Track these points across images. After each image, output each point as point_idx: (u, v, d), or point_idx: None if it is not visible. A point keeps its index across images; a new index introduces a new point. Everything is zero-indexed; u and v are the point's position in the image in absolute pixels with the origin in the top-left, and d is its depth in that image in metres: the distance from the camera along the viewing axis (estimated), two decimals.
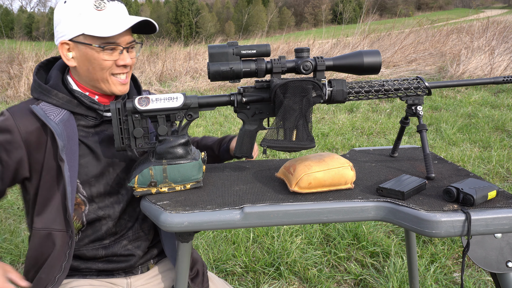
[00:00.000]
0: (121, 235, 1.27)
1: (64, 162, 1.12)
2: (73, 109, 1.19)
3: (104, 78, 1.19)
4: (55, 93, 1.18)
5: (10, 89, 7.85)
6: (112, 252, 1.26)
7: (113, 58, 1.17)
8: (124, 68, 1.21)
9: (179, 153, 1.14)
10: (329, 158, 1.14)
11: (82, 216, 1.20)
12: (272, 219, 1.04)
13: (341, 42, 10.61)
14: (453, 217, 0.97)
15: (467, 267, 2.27)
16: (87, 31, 1.13)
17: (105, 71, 1.18)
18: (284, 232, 2.58)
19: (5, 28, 16.76)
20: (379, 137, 4.70)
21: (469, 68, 7.64)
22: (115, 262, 1.27)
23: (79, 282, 1.24)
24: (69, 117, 1.18)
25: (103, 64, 1.16)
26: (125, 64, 1.19)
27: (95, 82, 1.20)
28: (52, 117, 1.15)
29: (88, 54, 1.15)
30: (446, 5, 64.11)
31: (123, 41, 1.17)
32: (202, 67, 9.50)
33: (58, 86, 1.19)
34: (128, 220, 1.28)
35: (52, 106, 1.17)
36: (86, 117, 1.21)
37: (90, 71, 1.17)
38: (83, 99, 1.19)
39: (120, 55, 1.18)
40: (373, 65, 1.16)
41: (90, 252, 1.24)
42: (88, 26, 1.13)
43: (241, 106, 1.22)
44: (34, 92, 1.20)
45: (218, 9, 62.65)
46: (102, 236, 1.24)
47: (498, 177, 3.39)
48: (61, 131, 1.14)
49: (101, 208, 1.22)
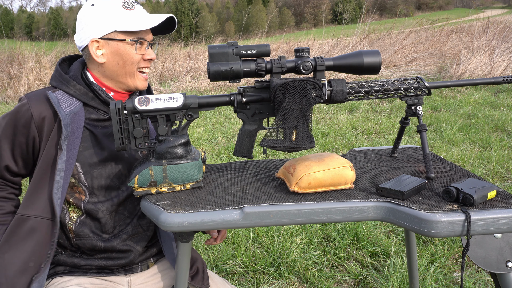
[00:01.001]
0: (120, 230, 1.29)
1: (62, 151, 1.16)
2: (88, 101, 1.25)
3: (132, 72, 1.27)
4: (73, 84, 1.25)
5: (10, 89, 7.86)
6: (111, 246, 1.27)
7: (142, 53, 1.28)
8: (149, 63, 1.32)
9: (179, 153, 1.14)
10: (329, 158, 1.14)
11: (81, 205, 1.23)
12: (272, 219, 1.04)
13: (341, 42, 10.62)
14: (453, 217, 0.97)
15: (467, 267, 2.27)
16: (120, 27, 1.22)
17: (134, 65, 1.27)
18: (284, 232, 2.58)
19: (5, 28, 16.77)
20: (379, 137, 4.70)
21: (469, 68, 7.64)
22: (114, 259, 1.28)
23: (79, 280, 1.25)
24: (80, 110, 1.24)
25: (134, 57, 1.26)
26: (151, 58, 1.30)
27: (121, 76, 1.27)
28: (64, 107, 1.21)
29: (120, 49, 1.24)
30: (446, 5, 64.11)
31: (149, 38, 1.29)
32: (202, 67, 9.51)
33: (77, 78, 1.27)
34: (127, 216, 1.29)
35: (67, 96, 1.25)
36: (98, 111, 1.27)
37: (120, 65, 1.26)
38: (100, 92, 1.27)
39: (147, 50, 1.29)
40: (373, 65, 1.16)
41: (90, 243, 1.25)
42: (120, 23, 1.23)
43: (241, 106, 1.22)
44: (54, 81, 1.27)
45: (218, 9, 62.66)
46: (101, 229, 1.26)
47: (498, 177, 3.39)
48: (69, 122, 1.19)
49: (101, 201, 1.25)
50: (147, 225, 1.33)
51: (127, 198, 1.28)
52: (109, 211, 1.26)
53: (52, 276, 1.26)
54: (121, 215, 1.28)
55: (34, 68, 8.18)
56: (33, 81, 7.97)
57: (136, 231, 1.31)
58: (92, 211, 1.24)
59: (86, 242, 1.25)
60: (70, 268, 1.27)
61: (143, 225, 1.32)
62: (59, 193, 1.17)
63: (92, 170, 1.23)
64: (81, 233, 1.25)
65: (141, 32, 1.26)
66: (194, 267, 1.37)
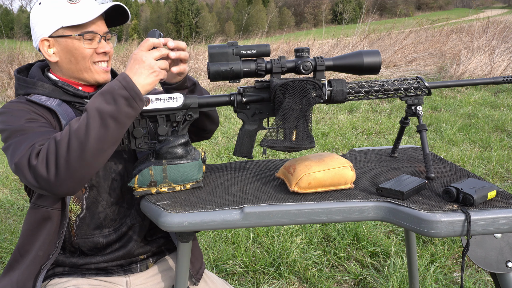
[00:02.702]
0: (120, 223, 1.28)
1: None
2: (61, 96, 1.24)
3: (86, 67, 1.24)
4: (40, 84, 1.23)
5: (10, 89, 7.86)
6: (112, 240, 1.27)
7: (93, 47, 1.23)
8: (104, 56, 1.26)
9: (179, 153, 1.14)
10: (329, 158, 1.14)
11: (82, 199, 1.22)
12: (272, 219, 1.04)
13: (341, 42, 10.61)
14: (453, 217, 0.97)
15: (467, 267, 2.27)
16: (65, 23, 1.19)
17: (86, 59, 1.23)
18: (284, 232, 2.58)
19: (5, 28, 16.76)
20: (379, 137, 4.70)
21: (469, 68, 7.64)
22: (113, 252, 1.27)
23: (78, 281, 1.24)
24: (62, 104, 1.23)
25: (84, 52, 1.22)
26: (105, 51, 1.25)
27: (78, 73, 1.25)
28: (49, 103, 1.20)
29: (69, 46, 1.21)
30: (446, 5, 64.15)
31: (100, 30, 1.24)
32: (202, 67, 9.50)
33: (42, 79, 1.25)
34: (126, 208, 1.29)
35: (42, 96, 1.22)
36: (74, 104, 1.25)
37: (72, 62, 1.23)
38: (66, 87, 1.24)
39: (99, 44, 1.24)
40: (373, 65, 1.16)
41: (91, 240, 1.24)
42: (65, 19, 1.19)
43: (241, 106, 1.22)
44: (20, 89, 1.25)
45: (218, 9, 62.67)
46: (101, 224, 1.25)
47: (498, 177, 3.39)
48: (63, 111, 1.19)
49: (100, 193, 1.24)
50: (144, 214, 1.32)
51: (126, 190, 1.28)
52: (108, 205, 1.25)
53: (51, 277, 1.26)
54: (120, 208, 1.28)
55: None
56: None
57: (134, 221, 1.30)
58: (92, 205, 1.23)
59: (88, 240, 1.24)
60: (69, 269, 1.26)
61: (141, 214, 1.32)
62: None
63: None
64: (82, 231, 1.24)
65: (89, 25, 1.21)
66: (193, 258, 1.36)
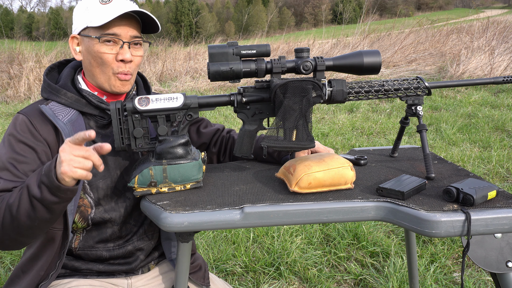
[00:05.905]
0: (126, 240, 1.27)
1: None
2: (82, 108, 1.19)
3: (106, 74, 1.18)
4: (63, 92, 1.19)
5: (10, 89, 7.86)
6: (115, 255, 1.26)
7: (113, 52, 1.16)
8: (123, 64, 1.18)
9: (179, 153, 1.14)
10: (329, 158, 1.14)
11: (88, 219, 1.20)
12: (272, 219, 1.04)
13: (341, 42, 10.62)
14: (453, 217, 0.97)
15: (467, 267, 2.27)
16: (90, 23, 1.15)
17: (105, 66, 1.17)
18: (284, 232, 2.58)
19: (5, 28, 16.76)
20: (379, 137, 4.70)
21: (469, 68, 7.64)
22: (116, 265, 1.27)
23: (79, 282, 1.24)
24: (78, 117, 1.19)
25: (103, 57, 1.15)
26: (123, 58, 1.16)
27: (97, 78, 1.20)
28: (60, 117, 1.16)
29: (89, 47, 1.17)
30: (446, 5, 64.11)
31: (124, 34, 1.16)
32: (202, 67, 9.51)
33: (67, 86, 1.21)
34: (133, 225, 1.28)
35: (61, 105, 1.19)
36: (95, 117, 1.22)
37: (92, 65, 1.18)
38: (91, 98, 1.20)
39: (120, 49, 1.16)
40: (373, 65, 1.16)
41: (94, 253, 1.24)
42: (90, 19, 1.15)
43: (241, 106, 1.22)
44: (44, 92, 1.22)
45: (218, 9, 62.63)
46: (107, 239, 1.24)
47: (498, 177, 3.39)
48: (69, 131, 1.14)
49: (107, 211, 1.22)
50: (151, 233, 1.32)
51: (133, 206, 1.25)
52: (117, 223, 1.23)
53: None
54: (128, 224, 1.26)
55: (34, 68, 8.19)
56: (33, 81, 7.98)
57: (142, 240, 1.29)
58: (98, 222, 1.21)
59: (90, 253, 1.23)
60: (70, 271, 1.26)
61: (149, 234, 1.31)
62: (72, 203, 1.13)
63: (97, 181, 1.19)
64: (86, 244, 1.23)
65: (110, 28, 1.13)
66: (196, 264, 1.36)
